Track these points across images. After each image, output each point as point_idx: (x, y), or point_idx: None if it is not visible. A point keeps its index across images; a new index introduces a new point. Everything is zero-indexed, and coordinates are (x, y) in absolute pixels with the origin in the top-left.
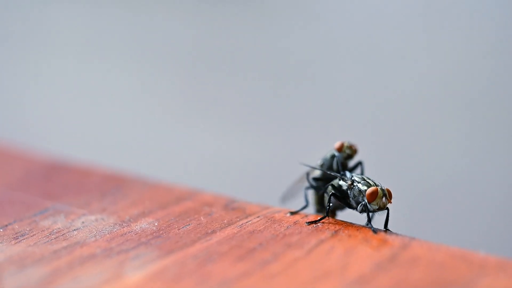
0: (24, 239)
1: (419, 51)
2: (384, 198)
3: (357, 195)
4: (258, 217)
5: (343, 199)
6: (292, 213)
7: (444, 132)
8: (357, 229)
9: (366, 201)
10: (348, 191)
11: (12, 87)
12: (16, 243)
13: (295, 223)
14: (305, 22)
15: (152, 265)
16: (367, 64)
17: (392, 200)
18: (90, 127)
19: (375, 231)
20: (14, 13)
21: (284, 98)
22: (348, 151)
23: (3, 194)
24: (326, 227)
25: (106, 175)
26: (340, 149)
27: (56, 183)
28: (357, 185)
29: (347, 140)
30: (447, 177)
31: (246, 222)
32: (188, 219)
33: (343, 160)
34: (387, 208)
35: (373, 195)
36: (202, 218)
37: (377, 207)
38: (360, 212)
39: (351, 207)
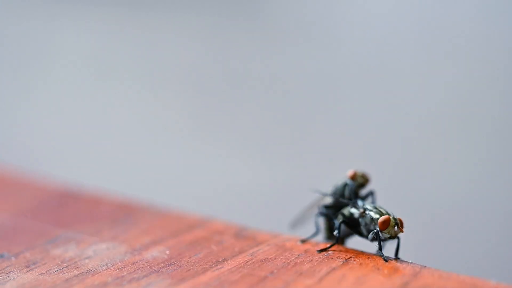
0: (35, 267)
1: (432, 78)
2: (396, 227)
3: (368, 223)
4: (269, 245)
5: (354, 227)
6: (303, 241)
7: (453, 158)
8: (368, 257)
9: (378, 229)
10: (360, 219)
11: (21, 114)
12: (28, 271)
13: (306, 251)
14: (318, 46)
15: None
16: (381, 90)
17: (403, 229)
18: (101, 154)
19: (386, 259)
20: (28, 43)
21: (298, 123)
22: (360, 180)
23: (14, 222)
24: (337, 255)
25: (117, 203)
26: (353, 178)
27: (67, 211)
28: (369, 213)
29: (360, 168)
30: (457, 205)
31: (257, 250)
32: (199, 247)
33: (355, 188)
34: (398, 237)
35: (385, 224)
36: (213, 246)
37: (388, 236)
38: (371, 241)
39: (361, 235)
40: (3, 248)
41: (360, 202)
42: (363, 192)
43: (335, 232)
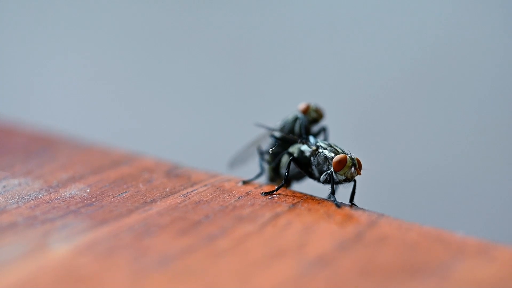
0: None
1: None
2: (352, 168)
3: (321, 163)
4: (205, 185)
5: (304, 166)
6: (245, 182)
7: (419, 105)
8: (318, 203)
9: (332, 170)
10: (312, 158)
11: None
12: None
13: (247, 193)
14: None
15: (82, 237)
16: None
17: (361, 172)
18: (17, 81)
19: (338, 205)
20: None
21: (242, 52)
22: (313, 115)
23: None
24: (282, 199)
25: (33, 135)
26: (305, 111)
27: None
28: (322, 152)
29: (314, 102)
30: (425, 152)
31: (191, 191)
32: (124, 186)
33: (307, 123)
34: (355, 180)
35: (341, 164)
36: (141, 185)
37: (343, 178)
38: (323, 183)
39: (312, 176)
40: None
41: (312, 139)
42: (315, 128)
43: (284, 171)
